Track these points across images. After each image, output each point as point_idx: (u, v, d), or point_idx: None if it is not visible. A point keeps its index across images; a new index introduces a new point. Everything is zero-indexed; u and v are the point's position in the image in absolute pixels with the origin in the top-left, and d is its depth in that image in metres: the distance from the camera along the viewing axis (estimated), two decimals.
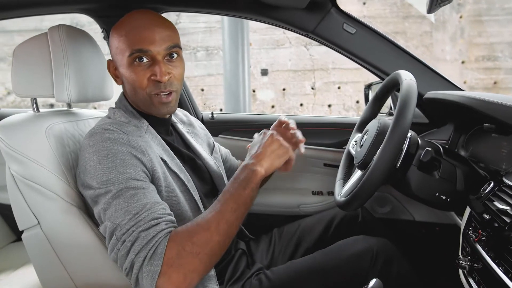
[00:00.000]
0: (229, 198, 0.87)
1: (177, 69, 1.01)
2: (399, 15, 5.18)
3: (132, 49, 0.96)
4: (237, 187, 0.88)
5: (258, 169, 0.90)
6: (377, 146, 1.01)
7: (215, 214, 0.85)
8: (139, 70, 0.98)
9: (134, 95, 1.02)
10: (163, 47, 0.97)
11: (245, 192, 0.87)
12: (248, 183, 0.88)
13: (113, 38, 1.01)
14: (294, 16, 1.32)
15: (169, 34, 0.99)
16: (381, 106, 1.26)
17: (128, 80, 1.00)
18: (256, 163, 0.91)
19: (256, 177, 0.89)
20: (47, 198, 0.97)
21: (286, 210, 1.66)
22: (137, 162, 0.92)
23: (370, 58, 1.35)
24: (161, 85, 0.98)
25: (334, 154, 1.60)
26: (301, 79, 5.34)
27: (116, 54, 1.01)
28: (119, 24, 1.01)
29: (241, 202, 0.87)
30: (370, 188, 0.92)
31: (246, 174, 0.89)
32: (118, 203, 0.86)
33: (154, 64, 0.97)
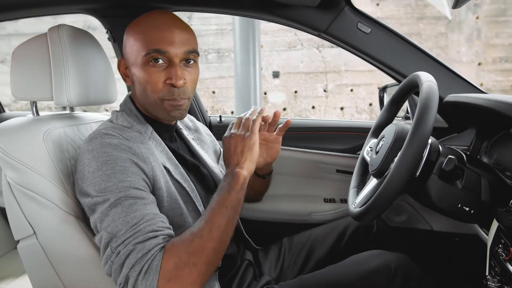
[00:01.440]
0: (216, 204, 0.86)
1: (192, 75, 0.96)
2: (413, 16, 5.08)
3: (149, 48, 0.91)
4: (222, 193, 0.88)
5: (238, 171, 0.91)
6: (395, 153, 0.94)
7: (206, 221, 0.82)
8: (153, 71, 0.92)
9: (144, 97, 0.97)
10: (181, 50, 0.92)
11: (230, 195, 0.87)
12: (232, 186, 0.88)
13: (128, 36, 0.96)
14: (306, 15, 1.25)
15: (188, 38, 0.94)
16: (397, 110, 1.19)
17: (140, 81, 0.95)
18: (234, 167, 0.92)
19: (239, 178, 0.89)
20: (43, 207, 0.93)
21: (296, 218, 1.59)
22: (138, 170, 0.87)
23: (385, 59, 1.28)
24: (175, 91, 0.93)
25: (347, 160, 1.53)
26: (313, 82, 5.29)
27: (130, 52, 0.96)
28: (137, 22, 0.96)
29: (229, 205, 0.86)
30: (387, 199, 0.85)
31: (228, 179, 0.90)
32: (116, 213, 0.81)
33: (170, 66, 0.92)
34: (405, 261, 0.97)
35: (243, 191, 0.90)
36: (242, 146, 0.93)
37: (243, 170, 0.90)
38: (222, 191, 0.88)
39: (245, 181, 0.90)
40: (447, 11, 3.81)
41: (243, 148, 0.93)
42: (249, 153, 0.93)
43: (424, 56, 1.27)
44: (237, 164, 0.92)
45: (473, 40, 5.03)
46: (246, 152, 0.93)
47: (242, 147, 0.93)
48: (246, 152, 0.93)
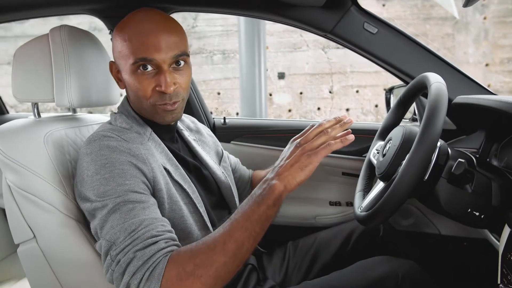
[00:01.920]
0: (240, 215, 0.76)
1: (183, 77, 0.94)
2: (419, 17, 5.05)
3: (136, 57, 0.89)
4: (251, 204, 0.77)
5: (277, 184, 0.76)
6: (402, 157, 0.92)
7: (223, 232, 0.75)
8: (143, 79, 0.91)
9: (137, 102, 0.96)
10: (169, 55, 0.89)
11: (260, 209, 0.75)
12: (264, 199, 0.76)
13: (115, 40, 0.95)
14: (311, 15, 1.23)
15: (175, 41, 0.91)
16: (405, 112, 1.16)
17: (131, 87, 0.94)
18: (275, 177, 0.78)
19: (273, 192, 0.76)
20: (43, 210, 0.91)
21: (301, 221, 1.57)
22: (137, 172, 0.85)
23: (392, 59, 1.25)
24: (166, 97, 0.91)
25: (353, 162, 1.51)
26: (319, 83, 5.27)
27: (119, 58, 0.94)
28: (122, 25, 0.94)
29: (254, 220, 0.75)
30: (394, 203, 0.83)
31: (263, 189, 0.77)
32: (115, 219, 0.79)
33: (159, 73, 0.90)
34: (412, 268, 0.95)
35: (276, 208, 0.77)
36: (297, 161, 0.79)
37: (281, 184, 0.77)
38: (252, 202, 0.77)
39: (280, 197, 0.76)
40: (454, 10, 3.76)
41: (296, 163, 0.79)
42: (299, 171, 0.78)
43: (432, 56, 1.24)
44: (279, 174, 0.78)
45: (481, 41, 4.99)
46: (296, 169, 0.78)
47: (296, 161, 0.79)
48: (297, 169, 0.78)
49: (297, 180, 0.78)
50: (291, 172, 0.78)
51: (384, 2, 5.06)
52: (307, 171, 0.78)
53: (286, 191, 0.77)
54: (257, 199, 0.77)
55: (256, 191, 0.79)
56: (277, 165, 0.82)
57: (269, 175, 0.80)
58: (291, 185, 0.77)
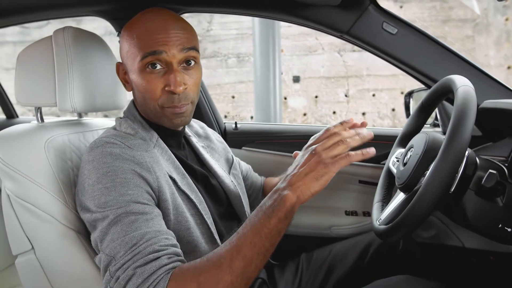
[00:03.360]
0: (249, 230, 0.70)
1: (193, 78, 0.89)
2: (438, 19, 4.94)
3: (145, 52, 0.85)
4: (261, 216, 0.70)
5: (289, 194, 0.70)
6: (425, 166, 0.85)
7: (230, 248, 0.69)
8: (151, 78, 0.86)
9: (144, 104, 0.91)
10: (178, 49, 0.85)
11: (270, 222, 0.69)
12: (275, 211, 0.70)
13: (123, 40, 0.91)
14: (327, 14, 1.17)
15: (186, 36, 0.87)
16: (427, 118, 1.09)
17: (138, 88, 0.89)
18: (287, 186, 0.72)
19: (285, 204, 0.70)
20: (41, 220, 0.87)
21: (315, 231, 1.50)
22: (141, 182, 0.80)
23: (413, 61, 1.18)
24: (175, 98, 0.87)
25: (371, 170, 1.43)
26: (334, 86, 5.21)
27: (126, 57, 0.90)
28: (130, 25, 0.90)
29: (264, 234, 0.69)
30: (417, 217, 0.76)
31: (274, 200, 0.71)
32: (115, 231, 0.74)
33: (169, 72, 0.85)
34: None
35: (288, 221, 0.71)
36: (312, 169, 0.72)
37: (293, 195, 0.70)
38: (261, 214, 0.71)
39: (292, 209, 0.70)
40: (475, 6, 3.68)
41: (311, 172, 0.71)
42: (313, 181, 0.71)
43: (456, 58, 1.16)
44: (291, 184, 0.71)
45: (502, 43, 4.86)
46: (311, 178, 0.71)
47: (311, 170, 0.72)
48: (312, 178, 0.71)
49: (311, 190, 0.71)
50: (305, 182, 0.71)
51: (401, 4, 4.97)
52: (322, 181, 0.71)
53: (298, 202, 0.71)
54: (267, 211, 0.71)
55: (266, 202, 0.73)
56: (289, 173, 0.75)
57: (280, 184, 0.74)
58: (304, 196, 0.71)
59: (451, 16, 4.91)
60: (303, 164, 0.74)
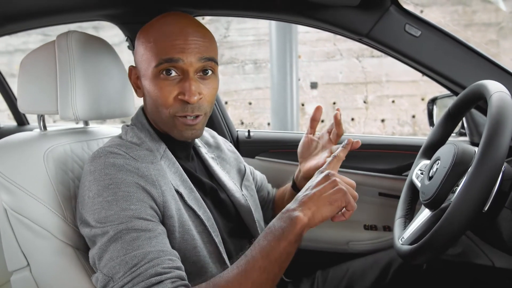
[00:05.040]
0: (258, 253, 0.67)
1: (209, 89, 0.83)
2: (460, 23, 4.81)
3: (161, 58, 0.79)
4: (271, 239, 0.68)
5: (300, 216, 0.67)
6: (454, 181, 0.77)
7: (238, 273, 0.65)
8: (165, 85, 0.81)
9: (155, 112, 0.85)
10: (196, 58, 0.80)
11: (280, 245, 0.66)
12: (285, 233, 0.67)
13: (139, 43, 0.86)
14: (345, 16, 1.09)
15: (205, 45, 0.82)
16: (454, 127, 1.00)
17: (151, 95, 0.83)
18: (298, 207, 0.69)
19: (296, 226, 0.67)
20: (37, 236, 0.81)
21: (332, 246, 1.42)
22: (145, 196, 0.74)
23: (439, 66, 1.09)
24: (188, 107, 0.81)
25: (391, 182, 1.35)
26: (353, 93, 5.14)
27: (140, 62, 0.85)
28: (148, 28, 0.85)
29: (274, 258, 0.66)
30: (447, 239, 0.69)
31: (284, 221, 0.68)
32: (115, 249, 0.68)
33: (184, 80, 0.80)
34: None
35: (297, 245, 0.68)
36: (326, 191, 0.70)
37: (305, 217, 0.67)
38: (271, 236, 0.68)
39: (302, 232, 0.67)
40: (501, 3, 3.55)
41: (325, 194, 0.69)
42: (326, 205, 0.69)
43: (486, 62, 1.07)
44: (303, 204, 0.69)
45: None
46: (324, 201, 0.69)
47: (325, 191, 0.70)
48: (325, 202, 0.69)
49: (323, 214, 0.69)
50: (317, 204, 0.69)
51: (422, 8, 4.86)
52: (335, 206, 0.69)
53: (308, 226, 0.68)
54: (277, 233, 0.67)
55: (276, 223, 0.69)
56: (301, 194, 0.71)
57: (291, 205, 0.70)
58: (315, 220, 0.68)
59: (474, 20, 4.78)
60: (316, 185, 0.71)
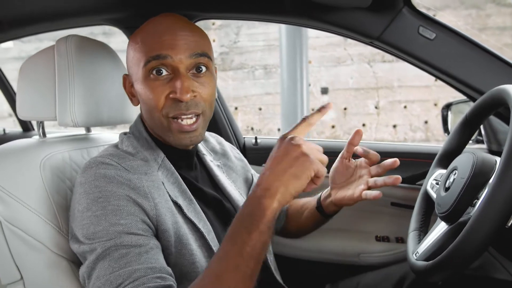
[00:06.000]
0: (229, 249, 0.60)
1: (204, 87, 0.78)
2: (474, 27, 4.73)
3: (149, 56, 0.75)
4: (241, 232, 0.60)
5: (267, 202, 0.59)
6: (473, 194, 0.72)
7: (210, 278, 0.60)
8: (156, 85, 0.76)
9: (150, 117, 0.81)
10: (187, 54, 0.75)
11: (251, 237, 0.59)
12: (254, 223, 0.59)
13: (129, 49, 0.82)
14: (355, 18, 1.05)
15: (196, 40, 0.78)
16: (471, 134, 0.94)
17: (142, 98, 0.79)
18: (264, 192, 0.60)
19: (265, 213, 0.59)
20: (31, 248, 0.78)
21: (341, 258, 1.37)
22: (136, 209, 0.70)
23: (454, 70, 1.04)
24: (182, 105, 0.75)
25: (404, 191, 1.30)
26: (364, 98, 5.09)
27: (131, 66, 0.82)
28: (137, 31, 0.82)
29: (247, 253, 0.59)
30: (467, 256, 0.64)
31: (252, 209, 0.61)
32: (102, 268, 0.65)
33: (175, 78, 0.75)
34: None
35: (271, 231, 0.61)
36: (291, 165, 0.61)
37: (272, 201, 0.59)
38: (241, 228, 0.60)
39: (274, 217, 0.60)
40: None
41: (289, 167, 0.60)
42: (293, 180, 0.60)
43: (506, 66, 1.01)
44: (267, 188, 0.60)
45: None
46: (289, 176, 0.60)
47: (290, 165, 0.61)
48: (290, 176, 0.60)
49: (292, 192, 0.61)
50: (283, 182, 0.60)
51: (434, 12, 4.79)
52: (303, 179, 0.61)
53: (280, 207, 0.60)
54: (246, 223, 0.60)
55: (244, 212, 0.62)
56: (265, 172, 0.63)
57: (255, 188, 0.62)
58: (286, 199, 0.61)
59: (488, 24, 4.71)
60: (279, 159, 0.62)
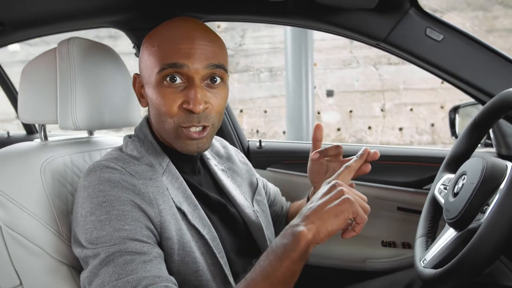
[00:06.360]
0: (258, 274, 0.61)
1: (217, 98, 0.77)
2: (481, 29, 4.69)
3: (164, 63, 0.74)
4: (272, 258, 0.61)
5: (303, 231, 0.60)
6: (483, 200, 0.70)
7: None
8: (168, 92, 0.75)
9: (159, 122, 0.79)
10: (203, 64, 0.74)
11: (283, 265, 0.60)
12: (287, 251, 0.60)
13: (143, 49, 0.80)
14: (360, 20, 1.03)
15: (214, 50, 0.76)
16: (480, 138, 0.92)
17: (153, 103, 0.78)
18: (301, 222, 0.61)
19: (299, 243, 0.59)
20: (31, 253, 0.77)
21: (347, 264, 1.35)
22: (141, 215, 0.69)
23: (463, 72, 1.02)
24: (194, 117, 0.74)
25: (410, 195, 1.28)
26: (370, 101, 5.07)
27: (144, 68, 0.80)
28: (153, 33, 0.80)
29: (276, 280, 0.60)
30: (478, 264, 0.62)
31: (286, 238, 0.61)
32: (107, 274, 0.63)
33: (189, 87, 0.74)
34: None
35: (302, 264, 0.61)
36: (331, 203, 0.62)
37: (309, 232, 0.60)
38: (273, 256, 0.61)
39: (307, 249, 0.60)
40: None
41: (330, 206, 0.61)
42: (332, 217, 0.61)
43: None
44: (306, 219, 0.61)
45: None
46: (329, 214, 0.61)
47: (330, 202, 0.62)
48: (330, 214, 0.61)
49: (329, 228, 0.61)
50: (322, 217, 0.61)
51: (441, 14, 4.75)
52: (341, 219, 0.61)
53: (314, 242, 0.60)
54: (278, 251, 0.61)
55: (278, 241, 0.62)
56: (306, 207, 0.64)
57: (294, 220, 0.63)
58: (320, 235, 0.60)
59: (496, 26, 4.67)
60: (321, 196, 0.64)
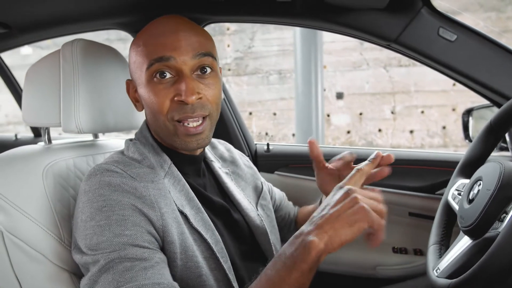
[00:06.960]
0: (265, 285, 0.58)
1: (210, 89, 0.76)
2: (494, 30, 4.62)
3: (151, 59, 0.73)
4: (280, 268, 0.58)
5: (315, 241, 0.56)
6: (501, 207, 0.67)
7: None
8: (160, 89, 0.74)
9: (154, 121, 0.78)
10: (190, 55, 0.73)
11: (291, 276, 0.57)
12: (296, 262, 0.57)
13: (130, 53, 0.80)
14: (371, 20, 1.00)
15: (199, 40, 0.75)
16: (497, 142, 0.88)
17: (147, 102, 0.77)
18: (313, 230, 0.58)
19: (310, 253, 0.56)
20: (31, 259, 0.75)
21: (357, 271, 1.32)
22: (142, 220, 0.67)
23: (477, 73, 0.98)
24: (188, 108, 0.73)
25: (423, 201, 1.24)
26: (380, 103, 5.01)
27: (134, 70, 0.79)
28: (139, 34, 0.80)
29: None
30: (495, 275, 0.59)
31: (296, 247, 0.58)
32: (106, 281, 0.61)
33: (180, 80, 0.73)
34: None
35: (312, 274, 0.58)
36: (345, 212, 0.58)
37: (320, 242, 0.56)
38: (281, 265, 0.59)
39: (318, 259, 0.56)
40: None
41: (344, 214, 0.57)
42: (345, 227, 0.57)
43: None
44: (319, 227, 0.58)
45: None
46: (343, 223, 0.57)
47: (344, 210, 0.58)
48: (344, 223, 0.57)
49: (342, 238, 0.57)
50: (335, 226, 0.57)
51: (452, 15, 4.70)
52: (355, 228, 0.57)
53: (326, 252, 0.57)
54: (287, 261, 0.58)
55: (287, 250, 0.59)
56: (317, 214, 0.60)
57: (304, 228, 0.59)
58: (332, 245, 0.57)
59: (509, 26, 4.59)
60: (334, 204, 0.60)
